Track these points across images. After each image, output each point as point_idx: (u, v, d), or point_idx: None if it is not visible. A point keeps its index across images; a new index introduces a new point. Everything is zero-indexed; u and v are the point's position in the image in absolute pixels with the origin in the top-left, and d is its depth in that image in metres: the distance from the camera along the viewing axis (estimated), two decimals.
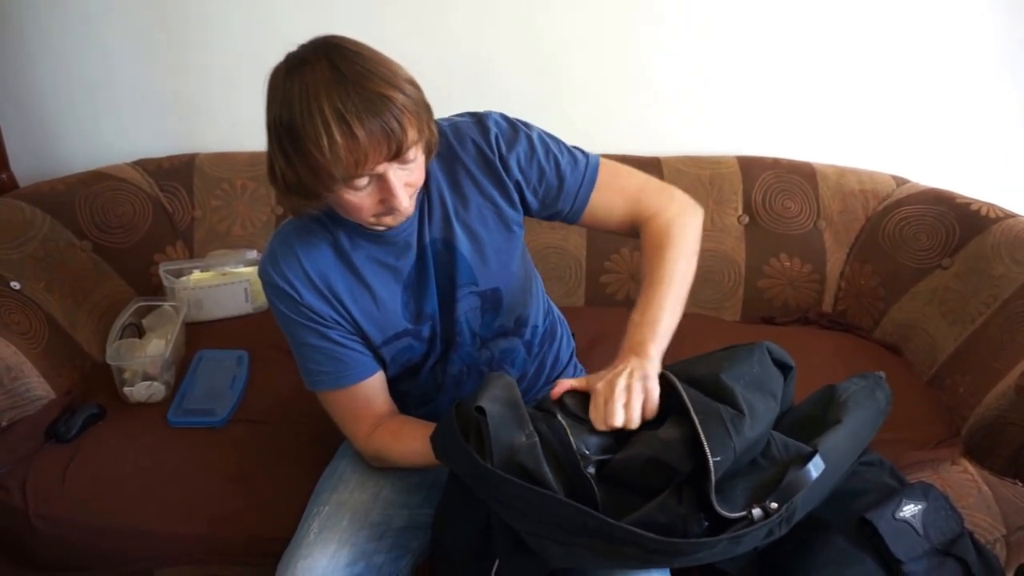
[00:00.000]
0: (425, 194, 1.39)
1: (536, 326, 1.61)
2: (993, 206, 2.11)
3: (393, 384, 1.53)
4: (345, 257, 1.38)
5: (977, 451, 1.75)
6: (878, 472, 1.52)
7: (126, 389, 1.88)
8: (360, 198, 1.22)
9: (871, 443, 1.58)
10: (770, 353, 1.33)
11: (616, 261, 2.31)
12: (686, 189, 2.25)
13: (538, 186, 1.45)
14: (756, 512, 1.15)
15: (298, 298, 1.36)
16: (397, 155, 1.18)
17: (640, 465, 1.18)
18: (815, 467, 1.21)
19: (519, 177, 1.43)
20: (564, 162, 1.45)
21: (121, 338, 1.97)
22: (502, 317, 1.53)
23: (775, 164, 2.34)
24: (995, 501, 1.62)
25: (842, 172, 2.33)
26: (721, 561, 1.36)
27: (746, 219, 2.30)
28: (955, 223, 2.13)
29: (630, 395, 1.19)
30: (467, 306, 1.47)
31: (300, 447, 1.73)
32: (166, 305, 2.13)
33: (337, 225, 1.37)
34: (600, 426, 1.19)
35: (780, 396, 1.31)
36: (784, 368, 1.35)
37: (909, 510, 1.37)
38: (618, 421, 1.17)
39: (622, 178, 1.52)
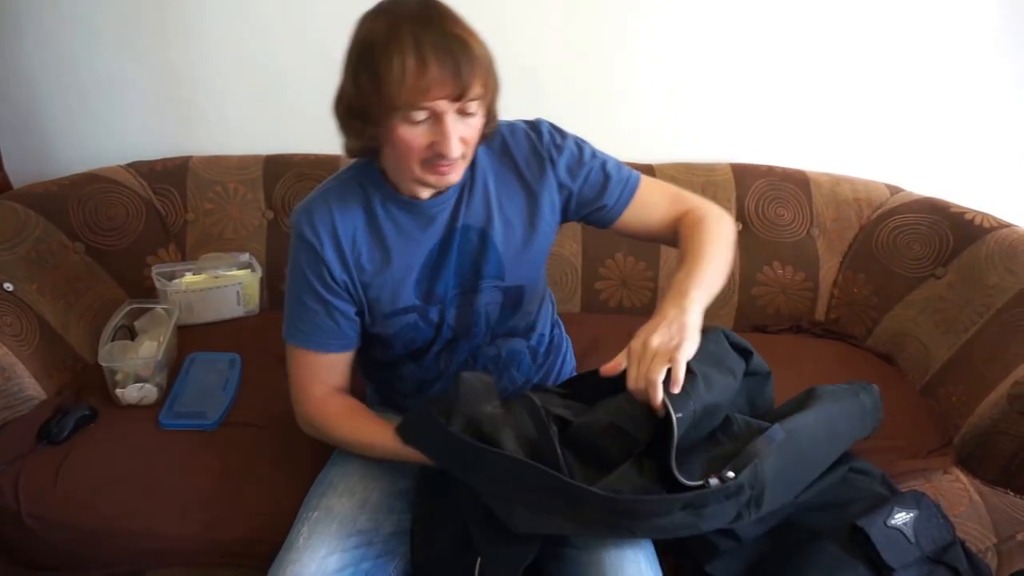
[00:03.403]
0: (469, 177, 1.44)
1: (543, 335, 1.68)
2: (987, 215, 2.11)
3: (394, 367, 1.59)
4: (375, 223, 1.44)
5: (969, 460, 1.75)
6: (869, 481, 1.52)
7: (118, 391, 1.88)
8: (414, 135, 1.25)
9: (862, 453, 1.59)
10: (728, 338, 1.39)
11: (610, 267, 2.31)
12: None
13: (584, 185, 1.51)
14: (713, 481, 1.19)
15: (319, 251, 1.40)
16: (460, 98, 1.23)
17: (600, 429, 1.26)
18: (772, 434, 1.25)
19: (566, 178, 1.50)
20: (610, 163, 1.54)
21: (113, 340, 1.97)
22: (517, 317, 1.58)
23: (769, 172, 2.35)
24: (986, 511, 1.62)
25: (836, 180, 2.34)
26: (712, 566, 1.36)
27: (739, 226, 2.30)
28: (949, 232, 2.13)
29: (655, 360, 1.21)
30: (488, 299, 1.52)
31: (291, 451, 1.72)
32: (158, 308, 2.12)
33: (375, 189, 1.43)
34: (632, 385, 1.23)
35: (741, 374, 1.36)
36: (744, 352, 1.40)
37: (901, 518, 1.38)
38: (644, 384, 1.21)
39: (661, 183, 1.61)
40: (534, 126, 1.51)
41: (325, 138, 2.39)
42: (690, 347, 1.23)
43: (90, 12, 2.28)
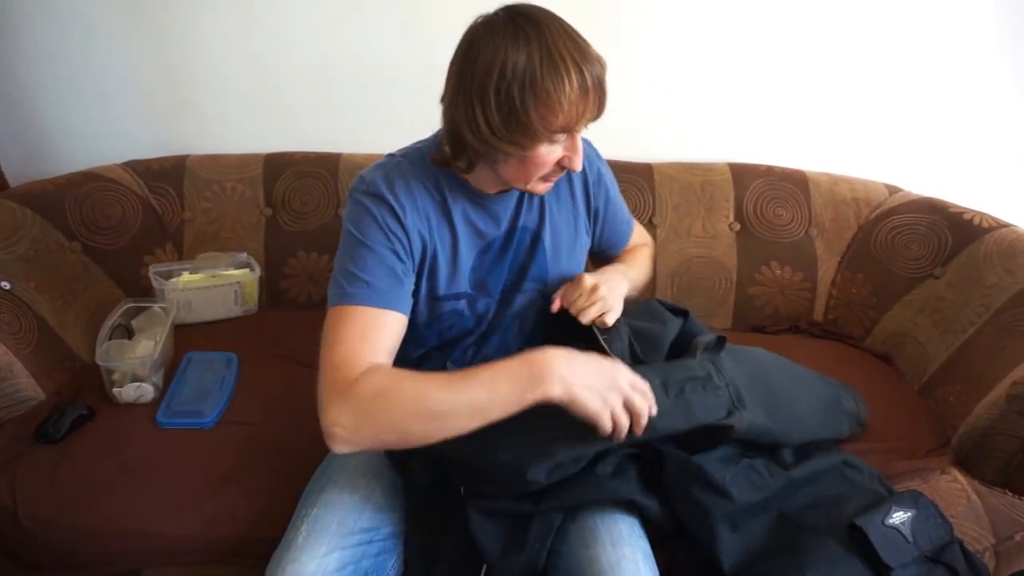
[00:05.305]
0: None
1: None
2: (986, 215, 2.11)
3: (420, 356, 1.61)
4: (445, 206, 1.46)
5: (967, 461, 1.75)
6: (867, 479, 1.52)
7: (115, 390, 1.87)
8: (551, 151, 1.31)
9: (859, 453, 1.59)
10: (662, 303, 1.65)
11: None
12: (677, 195, 2.30)
13: (611, 220, 1.68)
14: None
15: (402, 216, 1.39)
16: (597, 115, 1.31)
17: None
18: (707, 335, 1.53)
19: (602, 208, 1.64)
20: (623, 204, 1.74)
21: (110, 339, 1.96)
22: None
23: (767, 171, 2.35)
24: (984, 511, 1.62)
25: (835, 180, 2.33)
26: (713, 547, 1.35)
27: (737, 226, 2.31)
28: (948, 232, 2.13)
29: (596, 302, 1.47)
30: (526, 301, 1.59)
31: (288, 449, 1.72)
32: (155, 307, 2.12)
33: (444, 176, 1.45)
34: (572, 310, 1.48)
35: (676, 324, 1.59)
36: (680, 313, 1.63)
37: (899, 517, 1.38)
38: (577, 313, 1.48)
39: (635, 221, 1.83)
40: (585, 142, 1.54)
41: (322, 137, 2.41)
42: (617, 311, 1.50)
43: (87, 10, 2.27)
